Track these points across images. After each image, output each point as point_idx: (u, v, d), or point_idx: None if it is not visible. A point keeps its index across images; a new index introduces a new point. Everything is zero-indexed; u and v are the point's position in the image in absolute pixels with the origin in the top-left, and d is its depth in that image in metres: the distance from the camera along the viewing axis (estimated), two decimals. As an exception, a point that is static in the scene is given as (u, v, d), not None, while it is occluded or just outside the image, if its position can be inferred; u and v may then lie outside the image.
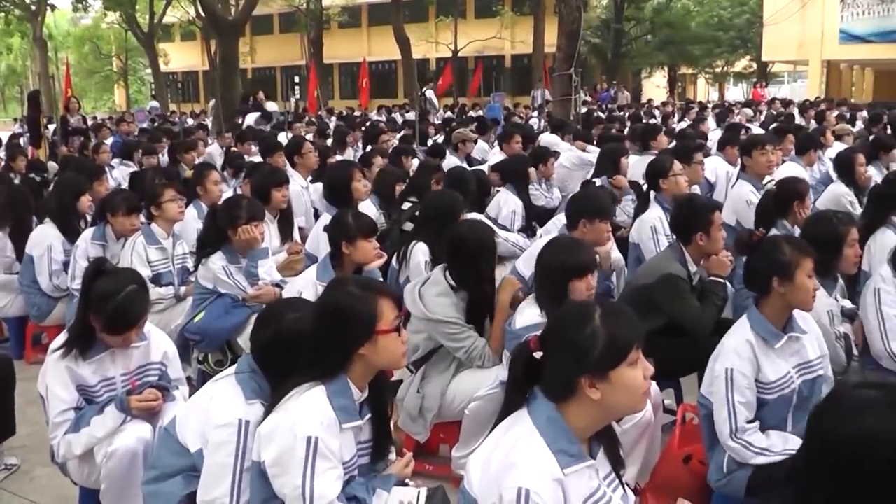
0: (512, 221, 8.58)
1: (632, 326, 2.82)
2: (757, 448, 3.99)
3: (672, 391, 5.85)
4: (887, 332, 4.99)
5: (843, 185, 8.52)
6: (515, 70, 53.31)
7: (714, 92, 64.54)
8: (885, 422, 2.15)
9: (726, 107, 27.12)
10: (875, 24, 43.42)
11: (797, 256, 4.11)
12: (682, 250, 5.71)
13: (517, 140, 12.16)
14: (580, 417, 2.77)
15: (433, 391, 5.07)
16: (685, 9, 53.30)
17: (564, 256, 4.56)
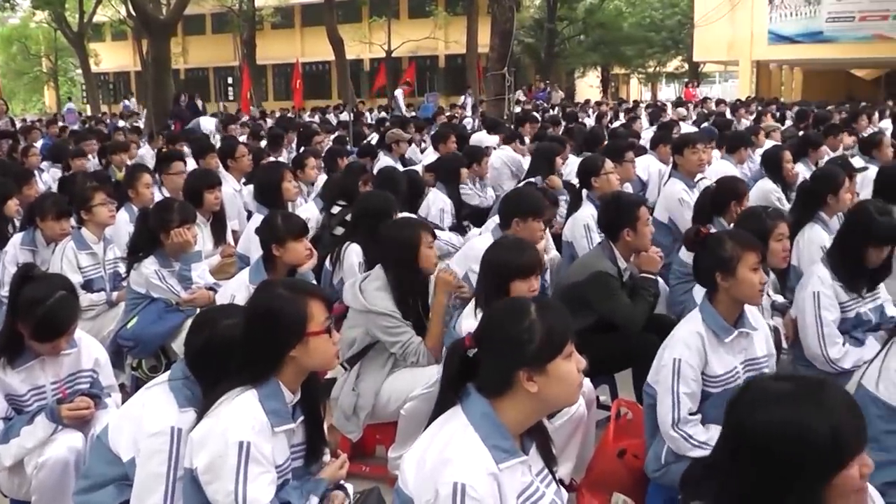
0: (441, 220, 8.58)
1: (565, 320, 2.87)
2: (696, 441, 4.03)
3: (607, 387, 5.91)
4: (825, 336, 5.06)
5: (771, 182, 8.68)
6: (449, 70, 53.28)
7: (647, 92, 65.09)
8: (793, 412, 2.25)
9: (659, 106, 27.37)
10: (802, 24, 44.24)
11: (738, 251, 4.15)
12: (611, 247, 5.76)
13: (453, 140, 12.19)
14: (515, 412, 2.80)
15: (368, 389, 5.06)
16: (617, 9, 53.75)
17: (509, 256, 4.57)
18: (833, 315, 5.09)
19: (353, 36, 43.15)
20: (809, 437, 2.21)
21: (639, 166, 10.11)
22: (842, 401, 2.31)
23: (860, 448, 2.26)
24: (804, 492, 2.23)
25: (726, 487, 2.37)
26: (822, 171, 7.19)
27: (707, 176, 8.92)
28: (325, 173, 10.27)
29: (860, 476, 2.25)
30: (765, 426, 2.28)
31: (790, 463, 2.23)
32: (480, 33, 30.88)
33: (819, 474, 2.22)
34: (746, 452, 2.32)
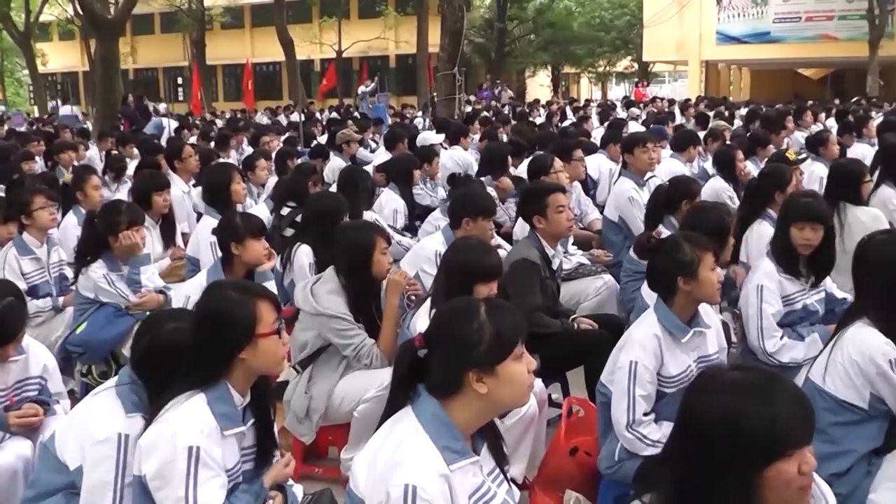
0: (394, 220, 8.59)
1: (516, 321, 2.86)
2: (650, 440, 4.05)
3: (559, 385, 5.93)
4: (763, 329, 5.12)
5: (723, 181, 8.77)
6: (400, 70, 53.31)
7: (597, 91, 65.50)
8: (733, 400, 2.29)
9: (609, 105, 27.55)
10: (750, 25, 44.87)
11: (698, 253, 4.17)
12: (537, 237, 5.85)
13: (404, 141, 12.20)
14: (466, 413, 2.79)
15: (320, 392, 5.02)
16: (567, 9, 54.01)
17: (473, 259, 4.55)
18: (774, 308, 5.15)
19: (304, 36, 42.97)
20: (744, 425, 2.24)
21: (589, 165, 10.19)
22: (788, 394, 2.33)
23: (800, 443, 2.28)
24: (737, 479, 2.25)
25: (674, 475, 2.40)
26: (769, 168, 7.27)
27: (657, 174, 8.99)
28: (275, 174, 10.23)
29: (799, 472, 2.27)
30: (706, 411, 2.33)
31: (725, 449, 2.26)
32: (431, 33, 31.00)
33: (752, 463, 2.25)
34: (689, 437, 2.38)
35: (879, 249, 4.12)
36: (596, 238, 8.37)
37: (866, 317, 4.00)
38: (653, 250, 4.38)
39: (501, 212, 8.83)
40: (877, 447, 3.91)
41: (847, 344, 3.98)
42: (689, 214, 5.71)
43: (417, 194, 9.41)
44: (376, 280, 5.13)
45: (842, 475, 3.88)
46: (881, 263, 4.06)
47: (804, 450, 2.29)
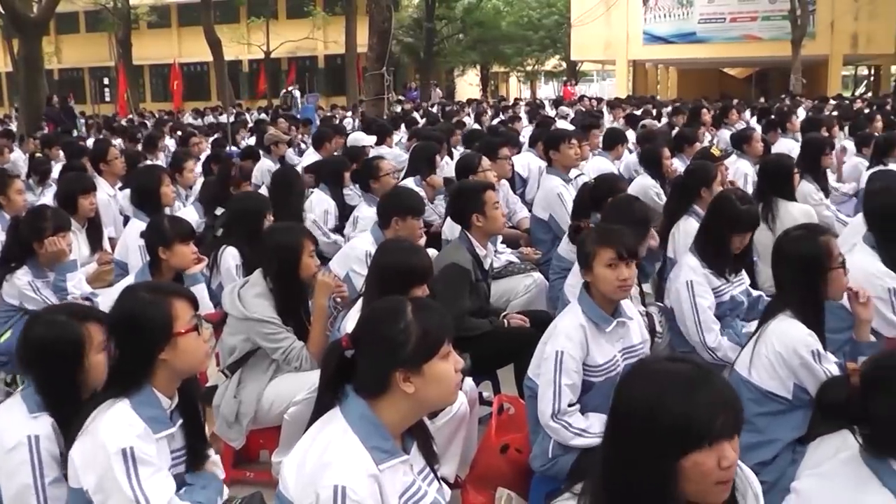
0: (325, 221, 8.56)
1: (443, 320, 2.87)
2: (576, 429, 4.08)
3: (490, 383, 5.97)
4: (701, 323, 5.21)
5: (650, 178, 8.87)
6: (329, 70, 53.13)
7: (526, 90, 65.76)
8: (656, 389, 2.31)
9: (538, 104, 27.70)
10: (676, 25, 45.48)
11: (594, 247, 4.23)
12: (468, 237, 5.84)
13: (336, 142, 12.16)
14: (394, 412, 2.80)
15: (250, 396, 4.98)
16: (495, 9, 54.25)
17: (404, 260, 4.55)
18: (708, 301, 5.25)
19: (232, 36, 42.63)
20: (660, 414, 2.24)
21: (518, 163, 10.27)
22: (713, 387, 2.30)
23: (720, 436, 2.26)
24: (654, 468, 2.26)
25: (603, 464, 2.41)
26: (694, 165, 7.36)
27: (584, 172, 9.07)
28: (203, 176, 10.15)
29: (719, 466, 2.26)
30: (628, 399, 2.36)
31: (642, 437, 2.27)
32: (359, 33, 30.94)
33: (668, 452, 2.25)
34: (614, 426, 2.41)
35: (796, 244, 4.26)
36: (525, 236, 8.41)
37: (788, 309, 4.12)
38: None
39: (431, 211, 8.87)
40: (801, 436, 4.02)
41: (770, 336, 4.10)
42: (612, 206, 5.75)
43: (347, 195, 9.39)
44: (304, 282, 5.10)
45: (767, 464, 4.01)
46: (799, 258, 4.19)
47: (725, 444, 2.27)
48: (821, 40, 42.53)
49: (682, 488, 2.28)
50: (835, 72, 44.80)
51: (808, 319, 4.10)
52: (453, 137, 12.90)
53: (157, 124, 24.04)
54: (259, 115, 29.84)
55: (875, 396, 2.73)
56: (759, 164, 8.26)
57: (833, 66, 44.24)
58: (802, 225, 4.70)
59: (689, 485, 2.27)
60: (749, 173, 9.49)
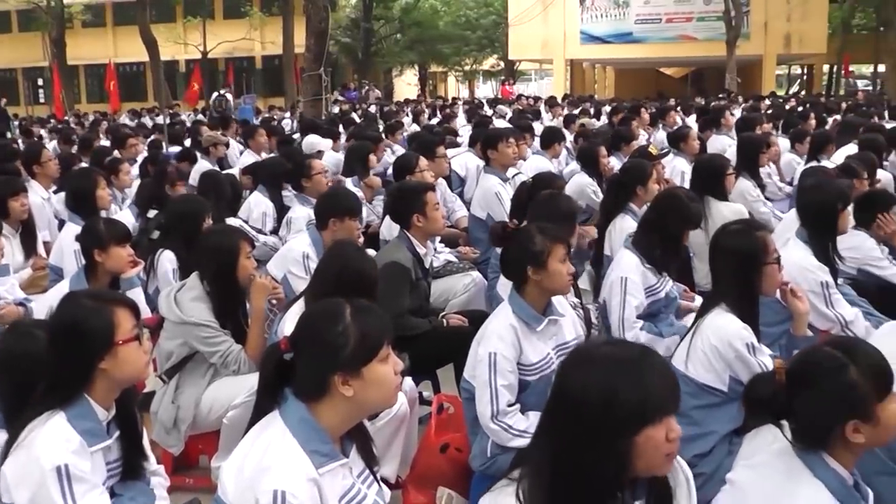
0: (263, 223, 8.50)
1: (381, 323, 2.87)
2: (516, 430, 4.08)
3: (430, 383, 5.96)
4: (624, 320, 5.27)
5: (587, 176, 8.95)
6: (267, 71, 52.77)
7: (464, 89, 65.88)
8: (606, 372, 2.39)
9: (476, 104, 27.75)
10: (612, 25, 45.92)
11: (548, 244, 4.22)
12: (407, 237, 5.85)
13: (262, 133, 12.09)
14: (333, 416, 2.79)
15: (188, 401, 4.93)
16: (433, 8, 54.35)
17: (350, 266, 4.54)
18: (637, 301, 5.30)
19: (168, 36, 42.17)
20: (618, 392, 2.33)
21: (456, 163, 10.28)
22: (657, 366, 2.44)
23: (668, 411, 2.40)
24: (609, 445, 2.34)
25: (546, 448, 2.47)
26: (630, 164, 7.42)
27: (522, 171, 9.11)
28: (140, 179, 10.03)
29: (667, 439, 2.38)
30: (580, 382, 2.40)
31: (598, 416, 2.34)
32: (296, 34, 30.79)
33: (624, 428, 2.33)
34: (563, 409, 2.45)
35: (733, 239, 4.34)
36: (463, 235, 8.42)
37: (724, 303, 4.19)
38: (506, 239, 4.44)
39: (369, 211, 8.86)
40: (737, 427, 4.05)
41: (706, 330, 4.16)
42: (538, 203, 5.78)
43: (286, 196, 9.33)
44: (242, 285, 5.06)
45: (705, 455, 4.08)
46: (735, 252, 4.27)
47: (671, 418, 2.40)
48: (755, 41, 43.25)
49: (634, 465, 2.37)
50: (769, 71, 45.58)
51: (743, 313, 4.17)
52: (392, 137, 12.88)
53: (92, 125, 23.75)
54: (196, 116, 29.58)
55: (799, 393, 2.80)
56: (694, 162, 8.38)
57: (767, 66, 45.05)
58: (740, 220, 4.80)
59: (640, 460, 2.36)
60: (685, 171, 9.60)
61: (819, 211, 5.51)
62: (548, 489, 2.42)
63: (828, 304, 5.29)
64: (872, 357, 2.80)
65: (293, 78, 30.91)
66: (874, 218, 6.07)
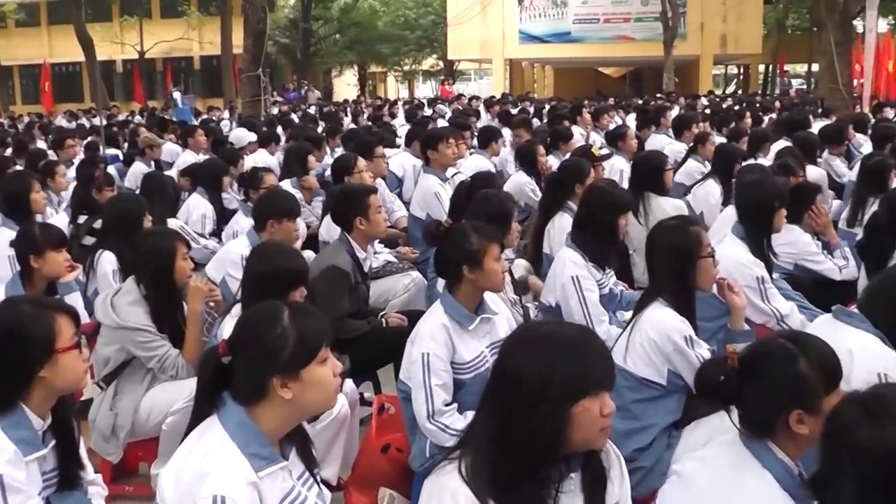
0: (203, 225, 8.43)
1: (320, 325, 2.86)
2: (453, 430, 4.07)
3: (371, 383, 5.96)
4: (592, 316, 5.29)
5: (525, 175, 8.97)
6: (205, 71, 52.32)
7: (404, 89, 65.91)
8: (543, 349, 2.51)
9: (416, 104, 27.76)
10: (551, 25, 46.17)
11: (484, 243, 4.22)
12: (348, 240, 5.83)
13: (201, 133, 12.01)
14: (272, 419, 2.78)
15: (126, 407, 4.87)
16: (372, 9, 54.30)
17: (279, 265, 4.49)
18: (595, 294, 5.35)
19: (104, 36, 41.59)
20: (556, 365, 2.45)
21: (394, 163, 10.29)
22: (595, 344, 2.57)
23: (604, 386, 2.51)
24: (547, 415, 2.42)
25: (486, 424, 2.55)
26: (568, 162, 7.46)
27: (461, 171, 9.13)
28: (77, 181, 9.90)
29: (601, 414, 2.48)
30: (519, 359, 2.52)
31: (537, 387, 2.44)
32: (235, 34, 30.49)
33: (562, 399, 2.43)
34: (502, 384, 2.54)
35: (668, 234, 4.40)
36: (402, 236, 8.42)
37: (661, 298, 4.25)
38: (440, 238, 4.45)
39: (308, 213, 8.84)
40: (675, 420, 4.15)
41: (644, 324, 4.21)
42: (473, 203, 5.82)
43: (226, 198, 9.27)
44: (179, 287, 5.02)
45: (645, 449, 4.11)
46: (670, 247, 4.33)
47: (605, 394, 2.50)
48: (691, 41, 43.75)
49: (570, 438, 2.46)
50: (706, 71, 46.10)
51: (680, 307, 4.23)
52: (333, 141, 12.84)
53: (27, 127, 23.43)
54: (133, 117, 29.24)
55: (750, 381, 2.84)
56: (633, 160, 8.47)
57: (704, 66, 45.59)
58: (674, 217, 4.87)
59: (576, 431, 2.45)
60: (624, 169, 9.68)
61: (757, 208, 5.60)
62: (490, 462, 2.48)
63: (764, 299, 5.37)
64: (823, 352, 2.85)
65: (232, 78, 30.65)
66: (806, 211, 6.17)
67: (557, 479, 2.55)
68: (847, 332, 3.77)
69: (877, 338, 3.71)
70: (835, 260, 6.31)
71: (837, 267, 6.27)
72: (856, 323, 3.80)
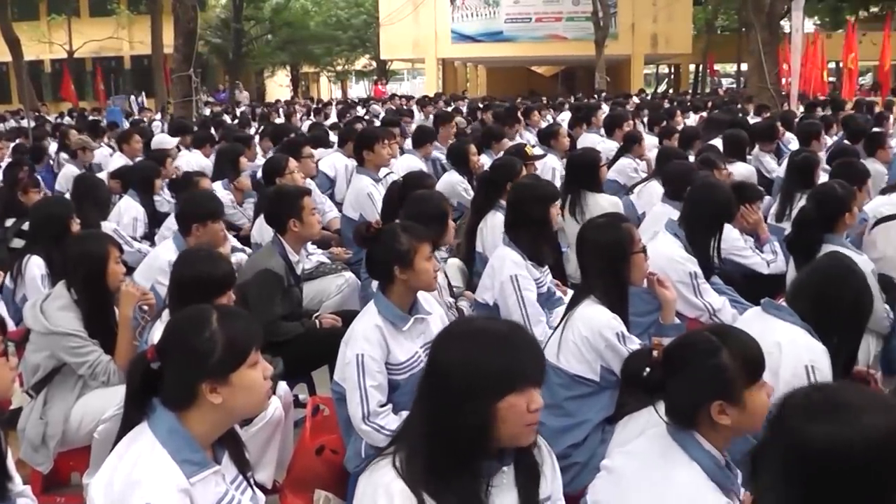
0: (134, 229, 8.33)
1: (249, 328, 2.84)
2: (388, 431, 4.06)
3: (305, 385, 5.95)
4: (530, 316, 5.28)
5: (457, 174, 8.98)
6: (136, 71, 51.72)
7: (337, 90, 65.73)
8: (471, 346, 2.56)
9: (349, 104, 27.73)
10: (483, 25, 46.34)
11: (414, 243, 4.23)
12: (281, 242, 5.80)
13: (137, 140, 11.89)
14: (203, 424, 2.75)
15: (56, 416, 4.78)
16: (304, 9, 54.05)
17: (204, 270, 4.42)
18: (534, 294, 5.36)
19: (32, 35, 41.00)
20: (483, 359, 2.49)
21: (326, 163, 10.25)
22: (524, 339, 2.59)
23: (531, 382, 2.53)
24: (474, 409, 2.45)
25: (418, 418, 2.58)
26: (500, 161, 7.50)
27: (394, 171, 9.13)
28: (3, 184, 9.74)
29: (528, 410, 2.49)
30: (449, 353, 2.56)
31: (463, 382, 2.47)
32: (165, 33, 30.23)
33: (489, 393, 2.46)
34: (433, 378, 2.57)
35: (600, 231, 4.44)
36: (335, 237, 8.40)
37: (593, 295, 4.29)
38: (371, 239, 4.44)
39: (240, 214, 8.79)
40: (609, 416, 4.17)
41: (577, 322, 4.24)
42: (409, 203, 5.81)
43: (157, 201, 9.16)
44: (111, 292, 4.95)
45: (579, 445, 4.15)
46: (602, 244, 4.37)
47: (534, 391, 2.52)
48: (623, 41, 44.23)
49: (498, 432, 2.48)
50: (637, 70, 46.57)
51: (612, 304, 4.27)
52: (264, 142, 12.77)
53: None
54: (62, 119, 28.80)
55: (674, 373, 2.88)
56: (566, 158, 8.55)
57: (635, 65, 46.11)
58: (605, 214, 4.91)
59: (503, 426, 2.48)
60: (557, 167, 9.78)
61: (711, 212, 5.71)
62: (423, 456, 2.50)
63: (696, 293, 5.46)
64: (746, 344, 2.90)
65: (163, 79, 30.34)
66: (738, 209, 6.27)
67: (491, 473, 2.57)
68: (775, 326, 3.87)
69: (805, 330, 3.80)
70: (763, 255, 6.43)
71: (765, 261, 6.40)
72: (784, 316, 3.89)
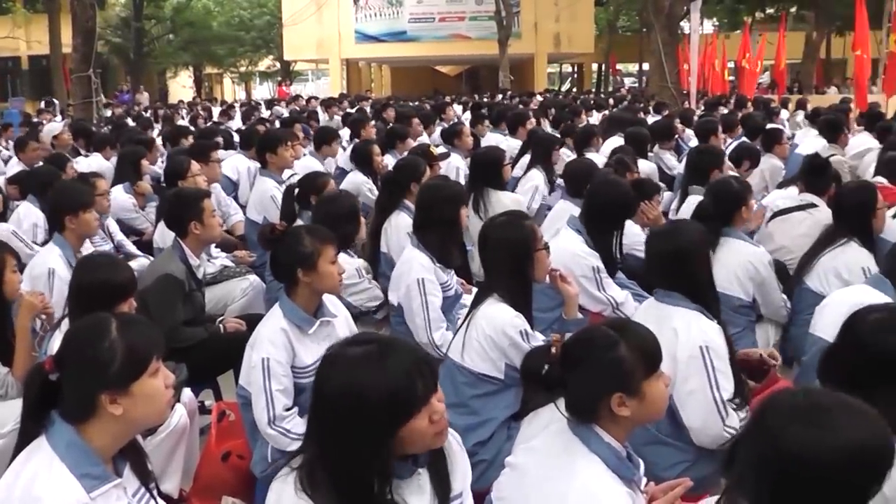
0: (34, 234, 8.15)
1: (150, 335, 2.80)
2: (295, 434, 4.06)
3: (211, 391, 5.88)
4: (431, 321, 5.30)
5: (361, 175, 8.97)
6: (34, 72, 50.66)
7: (241, 91, 65.18)
8: (353, 375, 2.42)
9: (252, 105, 27.51)
10: (386, 25, 46.39)
11: (318, 245, 4.23)
12: (181, 246, 5.72)
13: (33, 148, 11.64)
14: (103, 436, 2.70)
15: (-48, 432, 4.65)
16: (206, 8, 53.41)
17: (103, 278, 4.32)
18: (438, 300, 5.37)
19: (-80, 34, 40.06)
20: (364, 401, 2.36)
21: (228, 165, 10.13)
22: (403, 359, 2.45)
23: (425, 399, 2.44)
24: (372, 447, 2.39)
25: (315, 449, 2.49)
26: (404, 161, 7.50)
27: (297, 172, 9.08)
28: None
29: (430, 422, 2.45)
30: (330, 388, 2.44)
31: (353, 422, 2.38)
32: (64, 32, 29.63)
33: (382, 431, 2.40)
34: (321, 413, 2.48)
35: (502, 229, 4.47)
36: (238, 242, 8.33)
37: (496, 293, 4.32)
38: (275, 241, 4.41)
39: (143, 219, 8.66)
40: (514, 413, 4.21)
41: (480, 320, 4.26)
42: (320, 203, 5.85)
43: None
44: (7, 302, 4.82)
45: (485, 442, 4.19)
46: (505, 242, 4.40)
47: (431, 400, 2.46)
48: (526, 40, 44.58)
49: (404, 450, 2.46)
50: (540, 69, 47.07)
51: (516, 301, 4.30)
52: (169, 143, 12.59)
53: None
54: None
55: (573, 367, 2.91)
56: (470, 156, 8.61)
57: (539, 64, 46.63)
58: (507, 212, 4.94)
59: (411, 446, 2.46)
60: (461, 166, 9.81)
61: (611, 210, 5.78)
62: (326, 472, 2.44)
63: (599, 288, 5.55)
64: (643, 337, 2.95)
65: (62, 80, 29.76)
66: (638, 205, 6.35)
67: (403, 475, 2.54)
68: (671, 312, 4.01)
69: (698, 312, 3.96)
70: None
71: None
72: (676, 302, 4.04)
